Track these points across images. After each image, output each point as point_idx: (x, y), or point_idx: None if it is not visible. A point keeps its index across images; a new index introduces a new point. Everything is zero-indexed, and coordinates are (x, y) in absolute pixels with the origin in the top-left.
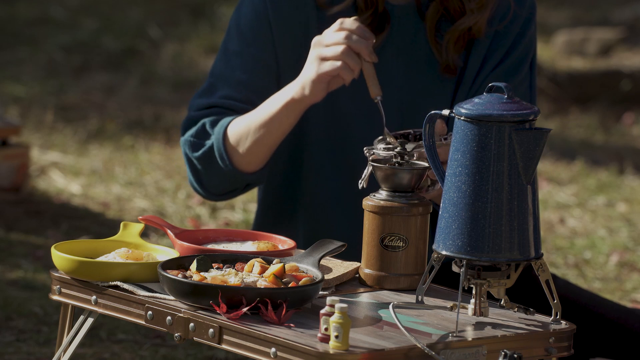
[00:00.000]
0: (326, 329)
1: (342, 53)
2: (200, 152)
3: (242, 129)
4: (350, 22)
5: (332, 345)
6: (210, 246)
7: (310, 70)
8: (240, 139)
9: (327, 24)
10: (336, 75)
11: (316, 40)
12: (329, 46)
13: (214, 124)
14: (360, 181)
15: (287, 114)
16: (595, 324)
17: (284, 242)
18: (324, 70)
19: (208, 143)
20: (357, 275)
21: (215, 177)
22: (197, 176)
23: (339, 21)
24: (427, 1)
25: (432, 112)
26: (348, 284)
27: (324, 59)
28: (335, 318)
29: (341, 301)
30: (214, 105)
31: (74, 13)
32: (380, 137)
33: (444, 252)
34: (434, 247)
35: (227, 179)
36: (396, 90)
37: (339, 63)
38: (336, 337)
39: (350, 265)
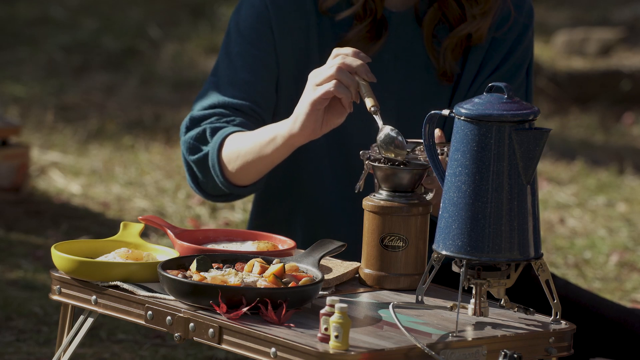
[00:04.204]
0: (326, 329)
1: (335, 71)
2: (196, 156)
3: (234, 150)
4: (345, 49)
5: (332, 345)
6: (209, 246)
7: (304, 100)
8: (231, 158)
9: (328, 32)
10: (332, 101)
11: (312, 72)
12: (323, 72)
13: (214, 132)
14: (357, 185)
15: (276, 148)
16: (595, 324)
17: (284, 242)
18: (318, 94)
19: (205, 149)
20: (357, 275)
21: (210, 183)
22: (193, 177)
23: (334, 50)
24: (425, 8)
25: (433, 111)
26: (348, 284)
27: (318, 85)
28: (335, 318)
29: (341, 301)
30: (218, 106)
31: (74, 13)
32: (374, 144)
33: (444, 252)
34: (433, 247)
35: (220, 187)
36: (393, 96)
37: (332, 82)
38: (336, 337)
39: (350, 265)
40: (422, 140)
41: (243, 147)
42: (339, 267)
